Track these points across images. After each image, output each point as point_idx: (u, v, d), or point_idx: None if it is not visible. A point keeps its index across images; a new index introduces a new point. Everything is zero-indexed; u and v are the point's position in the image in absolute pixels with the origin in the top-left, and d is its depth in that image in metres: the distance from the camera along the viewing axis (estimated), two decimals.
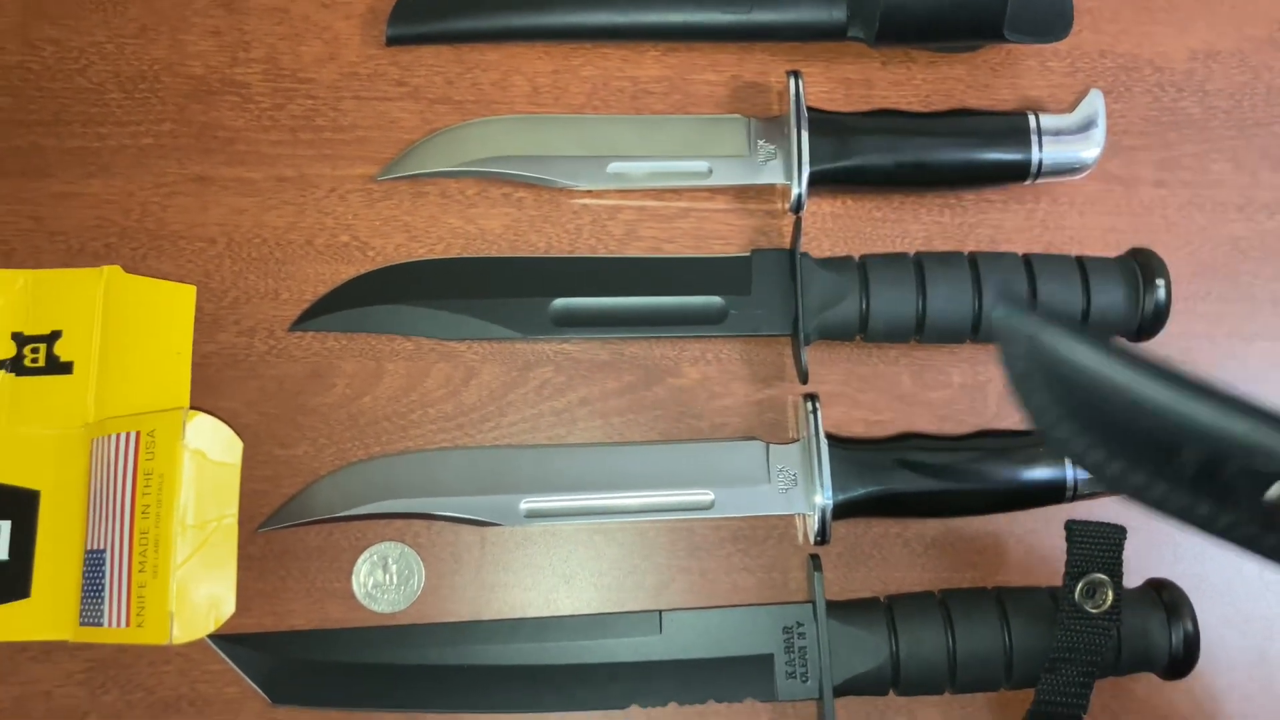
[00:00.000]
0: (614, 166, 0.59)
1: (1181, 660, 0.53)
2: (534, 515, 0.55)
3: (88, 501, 0.53)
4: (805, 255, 0.57)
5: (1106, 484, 0.34)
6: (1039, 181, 0.59)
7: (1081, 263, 0.57)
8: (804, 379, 0.57)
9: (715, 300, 0.58)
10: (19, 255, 0.58)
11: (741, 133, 0.59)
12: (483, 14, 0.60)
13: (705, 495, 0.55)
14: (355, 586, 0.55)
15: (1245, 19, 0.64)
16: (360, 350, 0.58)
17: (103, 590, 0.51)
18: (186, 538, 0.51)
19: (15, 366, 0.55)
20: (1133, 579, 0.55)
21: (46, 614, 0.53)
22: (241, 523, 0.54)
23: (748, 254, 0.58)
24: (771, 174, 0.59)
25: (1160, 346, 0.59)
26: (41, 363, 0.55)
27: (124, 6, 0.61)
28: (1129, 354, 0.31)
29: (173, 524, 0.51)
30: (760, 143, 0.59)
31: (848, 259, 0.58)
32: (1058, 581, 0.53)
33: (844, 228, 0.60)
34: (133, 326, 0.56)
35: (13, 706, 0.53)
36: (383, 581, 0.55)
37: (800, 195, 0.57)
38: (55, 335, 0.55)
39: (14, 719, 0.53)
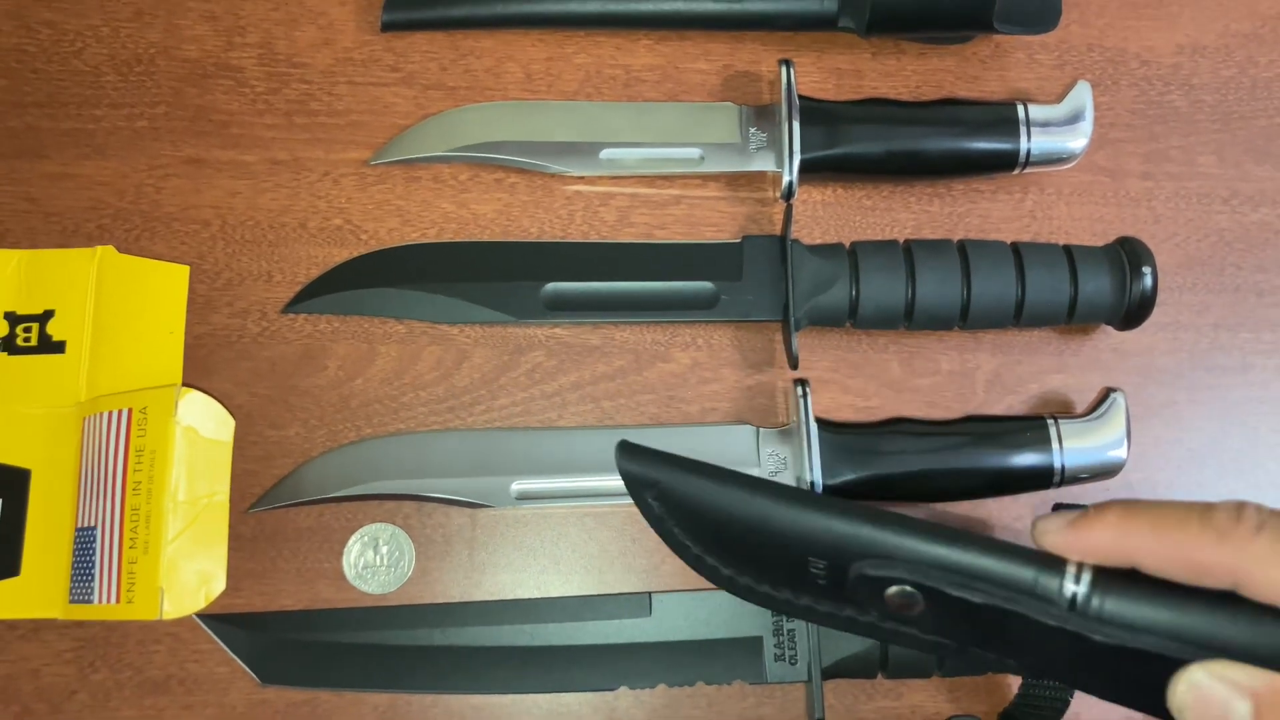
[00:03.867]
0: (606, 153, 0.59)
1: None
2: (525, 497, 0.55)
3: (79, 479, 0.53)
4: (796, 241, 0.58)
5: (763, 604, 0.36)
6: (1027, 171, 0.60)
7: (1069, 251, 0.57)
8: (794, 364, 0.57)
9: (706, 286, 0.58)
10: (13, 236, 0.58)
11: (733, 120, 0.60)
12: (477, 1, 0.61)
13: None
14: (346, 567, 0.55)
15: (1230, 14, 0.65)
16: (352, 333, 0.58)
17: (93, 567, 0.51)
18: (178, 514, 0.51)
19: (8, 346, 0.55)
20: None
21: (36, 592, 0.53)
22: (233, 503, 0.54)
23: (739, 240, 0.59)
24: (763, 161, 0.59)
25: (1146, 336, 0.59)
26: (34, 342, 0.55)
27: None
28: (744, 479, 0.33)
29: (164, 500, 0.51)
30: (752, 130, 0.59)
31: (838, 246, 0.58)
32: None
33: (834, 216, 0.61)
34: (126, 307, 0.56)
35: (1, 685, 0.53)
36: (373, 562, 0.55)
37: (791, 183, 0.58)
38: (48, 315, 0.55)
39: (2, 698, 0.53)
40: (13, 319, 0.55)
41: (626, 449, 0.33)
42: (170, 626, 0.54)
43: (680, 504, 0.34)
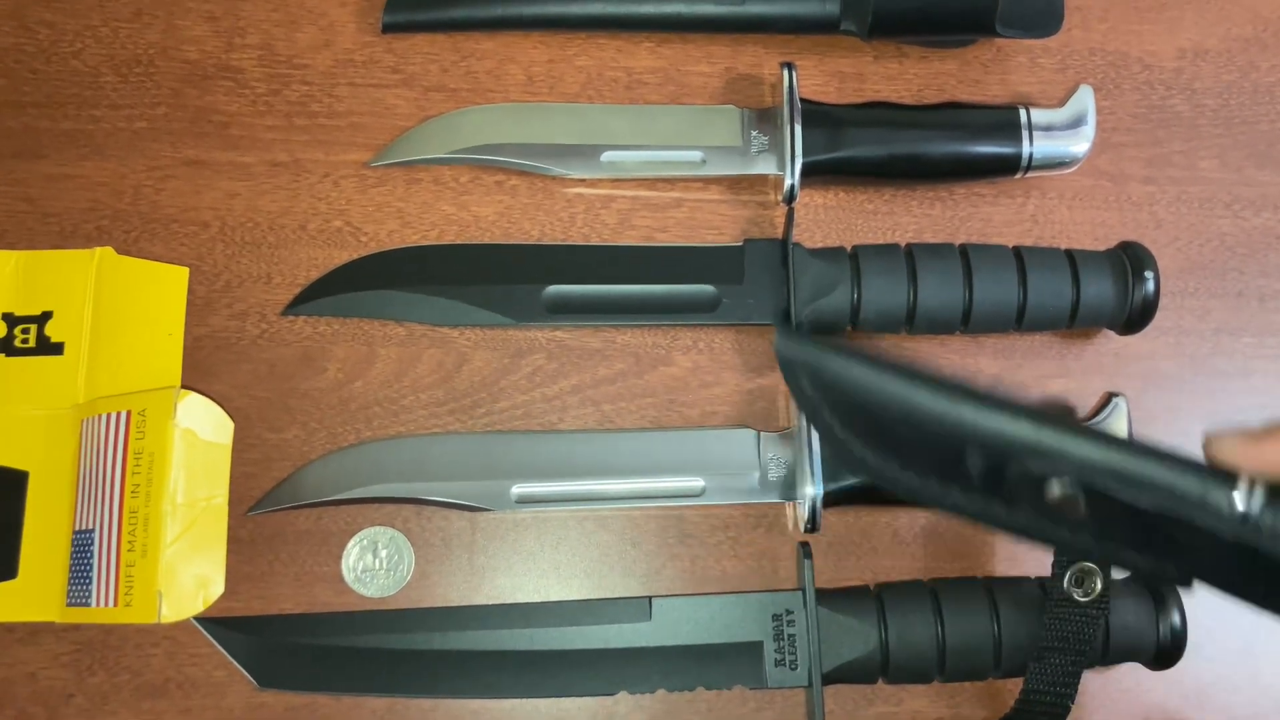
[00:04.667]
0: (608, 156, 0.59)
1: (1169, 651, 0.53)
2: (525, 501, 0.55)
3: (77, 482, 0.53)
4: (797, 245, 0.58)
5: (905, 494, 0.34)
6: (1029, 175, 0.60)
7: (1071, 255, 0.57)
8: None
9: (708, 289, 0.58)
10: (11, 236, 0.58)
11: (735, 123, 0.60)
12: (478, 3, 0.60)
13: (696, 483, 0.55)
14: (345, 571, 0.55)
15: (1232, 19, 0.65)
16: (352, 335, 0.58)
17: (90, 570, 0.51)
18: (176, 517, 0.51)
19: (6, 347, 0.55)
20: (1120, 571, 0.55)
21: (33, 595, 0.52)
22: (231, 506, 0.54)
23: (740, 244, 0.59)
24: (764, 165, 0.59)
25: (1148, 341, 0.59)
26: (32, 343, 0.55)
27: None
28: (905, 369, 0.32)
29: (163, 503, 0.51)
30: (753, 134, 0.59)
31: (840, 249, 0.58)
32: (1046, 571, 0.53)
33: (836, 219, 0.61)
34: (124, 308, 0.56)
35: None
36: (372, 566, 0.55)
37: (793, 186, 0.58)
38: (46, 316, 0.55)
39: None
40: (11, 320, 0.55)
41: (785, 332, 0.33)
42: (168, 630, 0.54)
43: (834, 389, 0.33)
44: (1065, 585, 0.52)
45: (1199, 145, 0.63)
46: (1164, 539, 0.32)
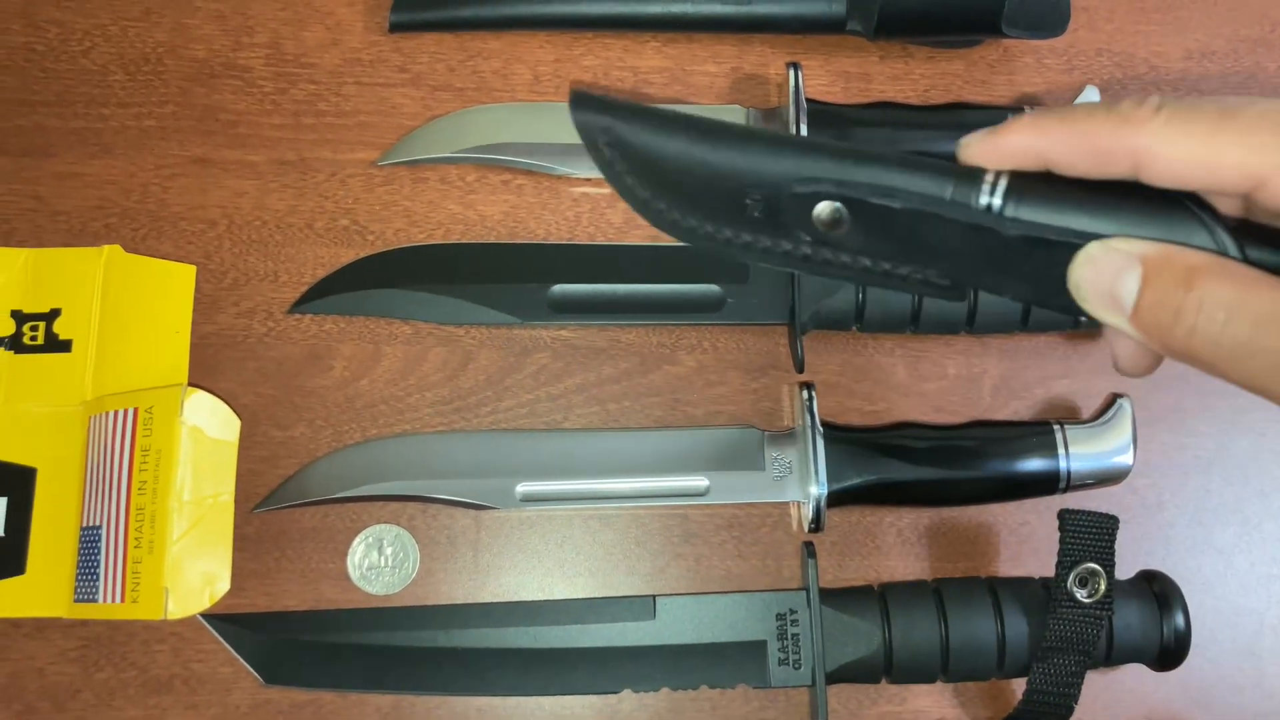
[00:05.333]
0: None
1: (1173, 652, 0.53)
2: (529, 499, 0.55)
3: (84, 478, 0.53)
4: None
5: (705, 246, 0.37)
6: None
7: None
8: (800, 368, 0.57)
9: (713, 289, 0.58)
10: (20, 234, 0.58)
11: (741, 123, 0.60)
12: (485, 2, 0.61)
13: (700, 482, 0.56)
14: (350, 568, 0.55)
15: (1240, 19, 0.65)
16: (358, 333, 0.58)
17: (98, 566, 0.52)
18: (183, 514, 0.51)
19: (14, 344, 0.55)
20: (1125, 571, 0.55)
21: (41, 591, 0.53)
22: (237, 503, 0.54)
23: None
24: None
25: None
26: (40, 340, 0.55)
27: None
28: (687, 123, 0.35)
29: (169, 500, 0.51)
30: None
31: None
32: (1050, 572, 0.53)
33: None
34: (132, 306, 0.56)
35: (6, 683, 0.53)
36: (378, 564, 0.55)
37: None
38: (55, 313, 0.55)
39: (7, 696, 0.53)
40: (19, 317, 0.55)
41: (579, 97, 0.35)
42: (174, 626, 0.54)
43: (630, 149, 0.35)
44: (1069, 586, 0.52)
45: None
46: (925, 245, 0.34)
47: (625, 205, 0.60)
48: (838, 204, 0.34)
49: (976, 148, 0.34)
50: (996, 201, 0.32)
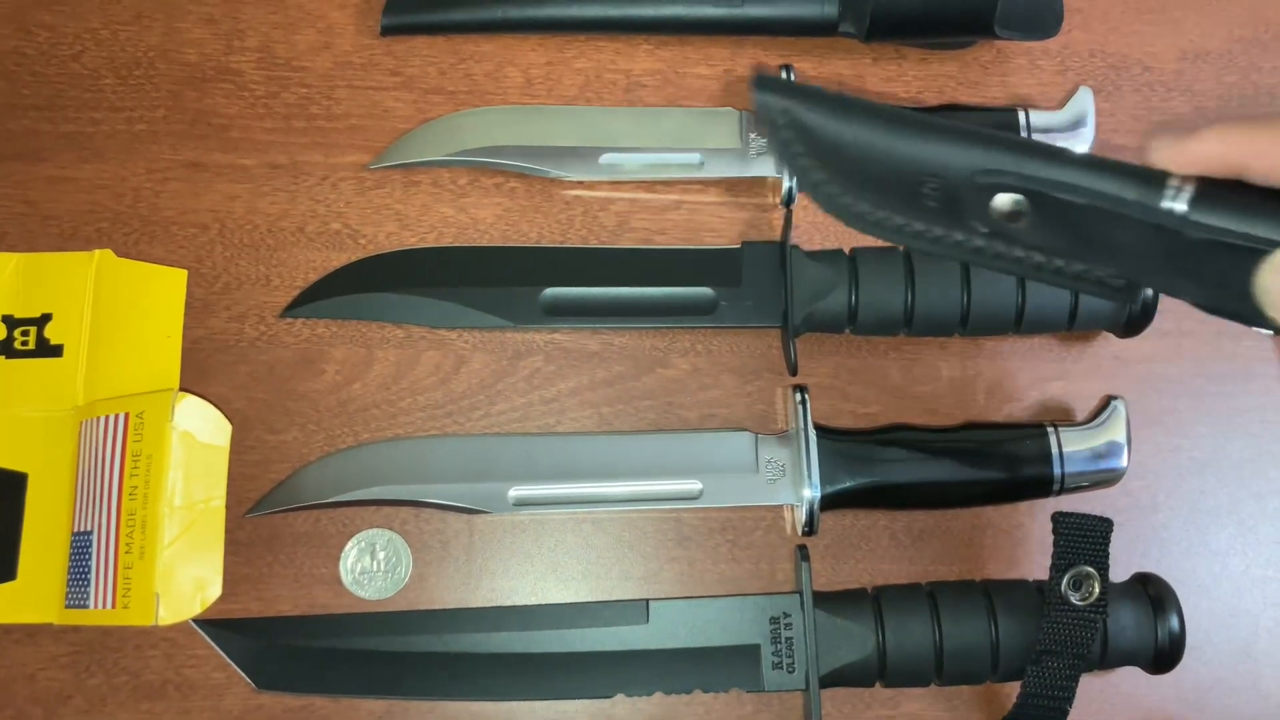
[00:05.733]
0: (606, 158, 0.59)
1: (1167, 654, 0.53)
2: (522, 504, 0.55)
3: (75, 484, 0.53)
4: (795, 247, 0.58)
5: (875, 233, 0.37)
6: None
7: None
8: (793, 371, 0.57)
9: (705, 291, 0.58)
10: (11, 239, 0.58)
11: (733, 126, 0.60)
12: (477, 5, 0.61)
13: (693, 485, 0.55)
14: (343, 573, 0.55)
15: (1234, 20, 0.65)
16: (351, 337, 0.58)
17: (89, 572, 0.51)
18: (174, 519, 0.51)
19: (5, 349, 0.55)
20: (1119, 573, 0.55)
21: (32, 596, 0.53)
22: (230, 508, 0.54)
23: (738, 246, 0.59)
24: (763, 167, 0.59)
25: (1147, 343, 0.59)
26: (31, 345, 0.55)
27: None
28: (870, 109, 0.35)
29: (160, 505, 0.51)
30: (752, 136, 0.59)
31: (837, 252, 0.58)
32: (1044, 574, 0.53)
33: (834, 222, 0.59)
34: (123, 310, 0.56)
35: None
36: (370, 568, 0.55)
37: (791, 188, 0.58)
38: (46, 318, 0.55)
39: None
40: (10, 322, 0.55)
41: (761, 79, 0.35)
42: (166, 631, 0.54)
43: (808, 133, 0.35)
44: (1063, 589, 0.52)
45: None
46: (1104, 244, 0.34)
47: (618, 208, 0.60)
48: (1019, 196, 0.34)
49: (1165, 152, 0.34)
50: (1181, 206, 0.32)
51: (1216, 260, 0.33)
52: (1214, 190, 0.33)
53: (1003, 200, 0.34)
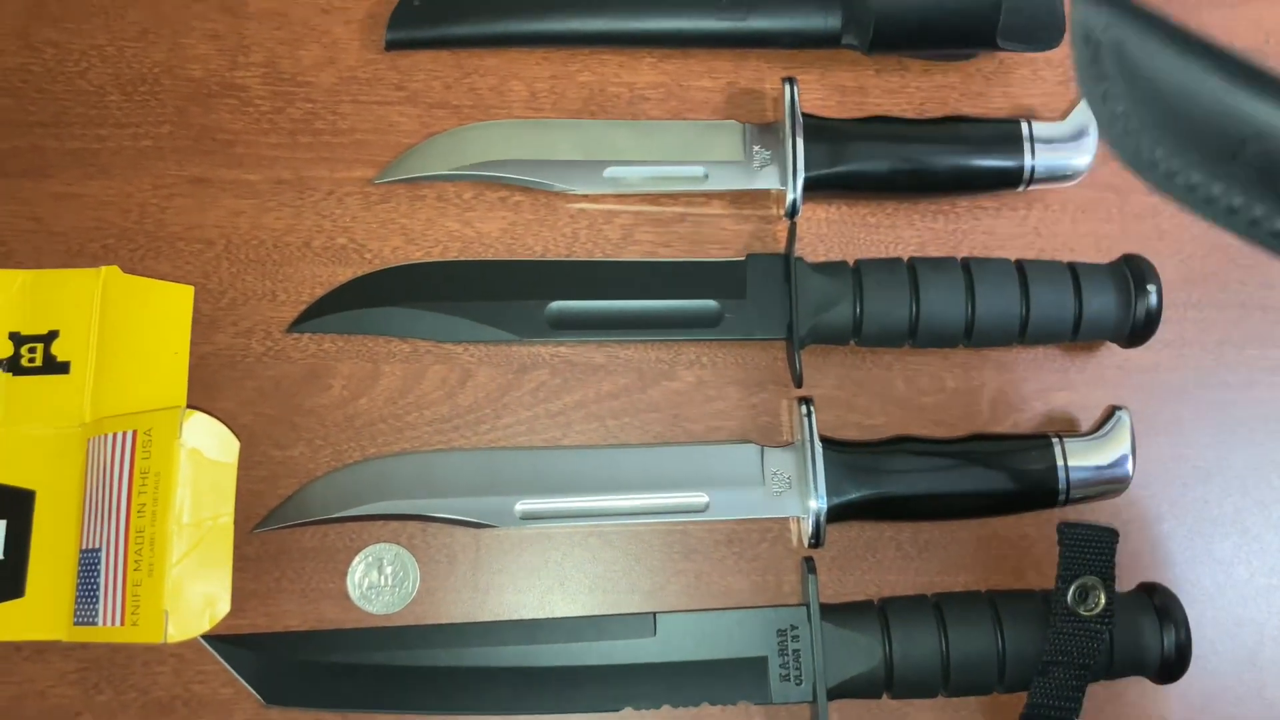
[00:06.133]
0: (611, 171, 0.59)
1: (1174, 664, 0.53)
2: (529, 517, 0.55)
3: (83, 501, 0.53)
4: (800, 260, 0.58)
5: (1163, 185, 0.32)
6: (1032, 188, 0.60)
7: (1074, 268, 0.57)
8: (798, 383, 0.57)
9: (710, 304, 0.58)
10: (18, 255, 0.58)
11: (737, 138, 0.60)
12: (481, 20, 0.61)
13: (700, 498, 0.56)
14: (350, 588, 0.55)
15: (1235, 29, 0.65)
16: (357, 352, 0.58)
17: (97, 589, 0.51)
18: (182, 536, 0.51)
19: (12, 366, 0.55)
20: (1125, 583, 0.55)
21: (41, 613, 0.53)
22: (237, 523, 0.54)
23: (743, 258, 0.59)
24: (767, 179, 0.59)
25: (1151, 353, 0.59)
26: (39, 362, 0.55)
27: (124, 10, 0.61)
28: (1210, 49, 0.30)
29: (169, 522, 0.51)
30: (756, 148, 0.59)
31: (842, 264, 0.58)
32: (1050, 585, 0.53)
33: (838, 233, 0.61)
34: (130, 327, 0.56)
35: (7, 706, 0.53)
36: (378, 583, 0.55)
37: (795, 200, 0.58)
38: (53, 335, 0.55)
39: (8, 718, 0.53)
40: (18, 339, 0.55)
41: None
42: (175, 647, 0.54)
43: (1126, 54, 0.30)
44: (1069, 600, 0.52)
45: None
46: None
47: (623, 221, 0.60)
48: None
49: None
50: None
51: None
52: None
53: None
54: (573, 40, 0.61)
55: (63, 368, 0.55)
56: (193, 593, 0.51)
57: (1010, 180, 0.59)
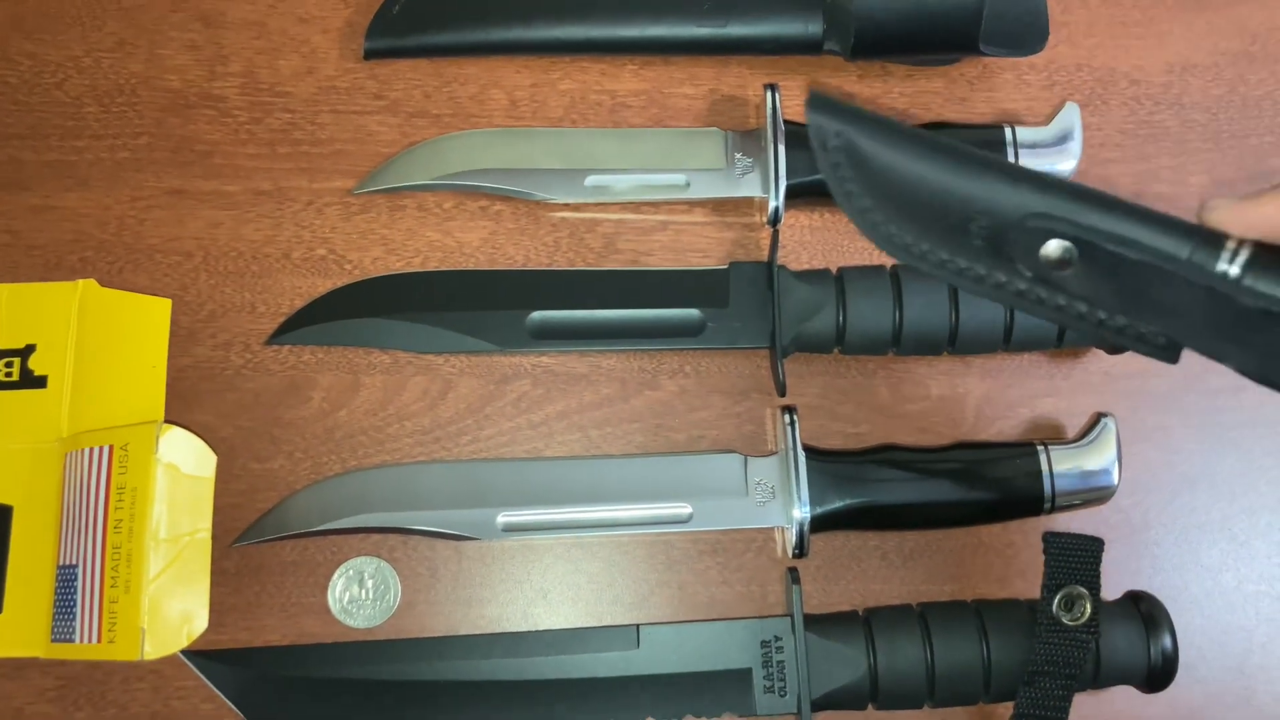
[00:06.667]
0: (592, 179, 0.59)
1: (1160, 673, 0.53)
2: (511, 529, 0.55)
3: (60, 517, 0.53)
4: (782, 268, 0.57)
5: (918, 265, 0.36)
6: None
7: None
8: (782, 391, 0.57)
9: (693, 313, 0.57)
10: None
11: (719, 146, 0.60)
12: (461, 28, 0.60)
13: (683, 509, 0.55)
14: (331, 601, 0.55)
15: (1220, 33, 0.64)
16: (337, 364, 0.57)
17: (74, 606, 0.51)
18: (159, 553, 0.51)
19: None
20: (1111, 591, 0.55)
21: (18, 630, 0.52)
22: (217, 537, 0.54)
23: (725, 266, 0.58)
24: (749, 187, 0.59)
25: (1137, 359, 0.58)
26: (15, 377, 0.55)
27: (101, 21, 0.61)
28: (926, 140, 0.35)
29: (145, 539, 0.50)
30: (738, 156, 0.59)
31: (825, 271, 0.58)
32: (1037, 592, 0.53)
33: (821, 240, 0.61)
34: (107, 340, 0.55)
35: None
36: (359, 596, 0.55)
37: (778, 208, 0.57)
38: (29, 349, 0.55)
39: None
40: None
41: (816, 98, 0.34)
42: (154, 664, 0.53)
43: (860, 157, 0.35)
44: (1054, 610, 0.51)
45: (1188, 161, 0.63)
46: (1151, 300, 0.34)
47: (605, 230, 0.60)
48: (1069, 244, 0.33)
49: (1222, 213, 0.33)
50: (1236, 270, 0.32)
51: (1269, 329, 0.32)
52: (1271, 257, 0.32)
53: (1052, 246, 0.34)
54: (553, 48, 0.61)
55: (40, 382, 0.54)
56: (170, 609, 0.51)
57: None
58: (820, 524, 0.54)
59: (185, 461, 0.53)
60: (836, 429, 0.58)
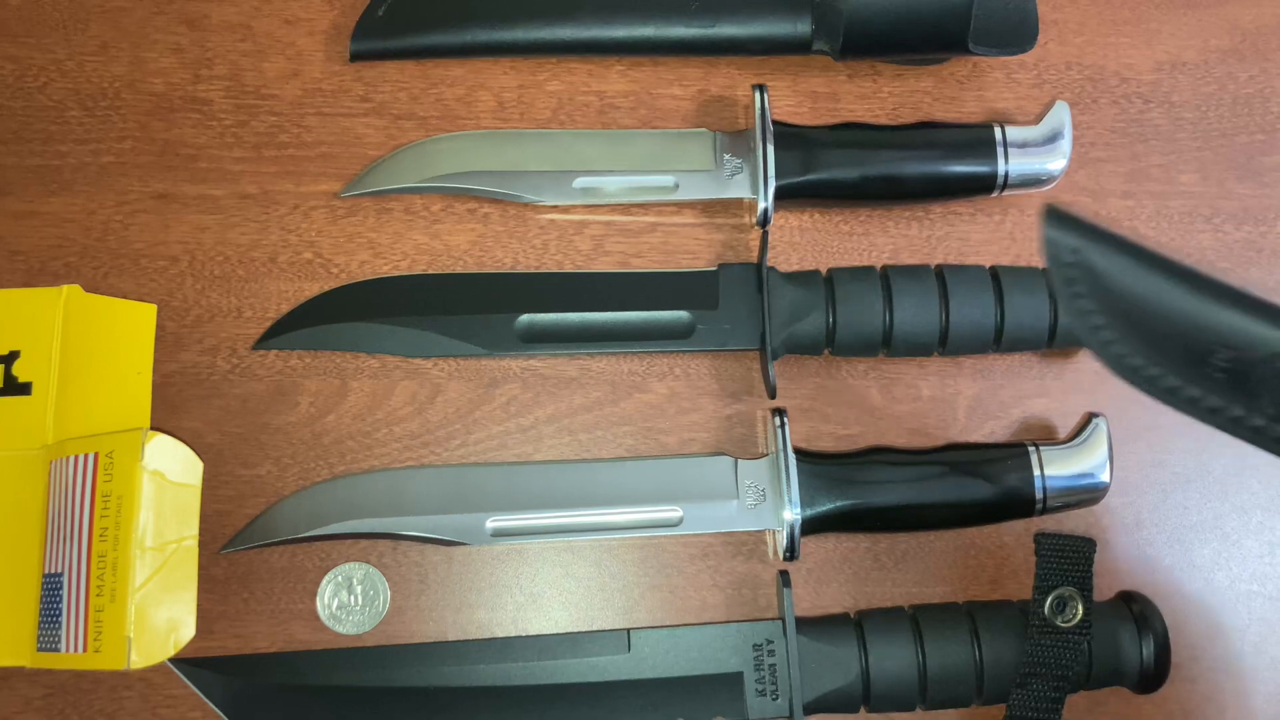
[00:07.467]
0: (580, 181, 0.59)
1: (1153, 673, 0.53)
2: (500, 534, 0.55)
3: (45, 525, 0.52)
4: (772, 269, 0.57)
5: (1145, 386, 0.35)
6: (1006, 194, 0.59)
7: (1048, 275, 0.57)
8: (772, 394, 0.57)
9: (683, 315, 0.57)
10: None
11: (708, 147, 0.59)
12: (447, 30, 0.60)
13: (674, 512, 0.55)
14: (320, 608, 0.55)
15: (1210, 30, 0.64)
16: (324, 368, 0.57)
17: (60, 614, 0.51)
18: (145, 560, 0.50)
19: None
20: (1104, 591, 0.55)
21: (3, 639, 0.52)
22: (204, 544, 0.53)
23: (715, 268, 0.58)
24: (738, 188, 0.58)
25: None
26: None
27: (85, 24, 0.60)
28: (1171, 265, 0.33)
29: (131, 547, 0.50)
30: (726, 157, 0.59)
31: (814, 273, 0.57)
32: (1029, 593, 0.52)
33: (811, 241, 0.60)
34: (92, 346, 0.55)
35: None
36: (348, 603, 0.55)
37: (767, 209, 0.57)
38: (13, 355, 0.54)
39: None
40: None
41: (1054, 213, 0.33)
42: (142, 672, 0.53)
43: (1094, 273, 0.33)
44: (1046, 612, 0.51)
45: (1178, 158, 0.63)
46: None
47: (593, 232, 0.59)
48: None
49: None
50: None
51: None
52: None
53: None
54: (540, 49, 0.61)
55: (24, 389, 0.54)
56: (156, 618, 0.50)
57: (984, 185, 0.59)
58: (811, 526, 0.54)
59: (171, 468, 0.52)
60: (827, 430, 0.58)
